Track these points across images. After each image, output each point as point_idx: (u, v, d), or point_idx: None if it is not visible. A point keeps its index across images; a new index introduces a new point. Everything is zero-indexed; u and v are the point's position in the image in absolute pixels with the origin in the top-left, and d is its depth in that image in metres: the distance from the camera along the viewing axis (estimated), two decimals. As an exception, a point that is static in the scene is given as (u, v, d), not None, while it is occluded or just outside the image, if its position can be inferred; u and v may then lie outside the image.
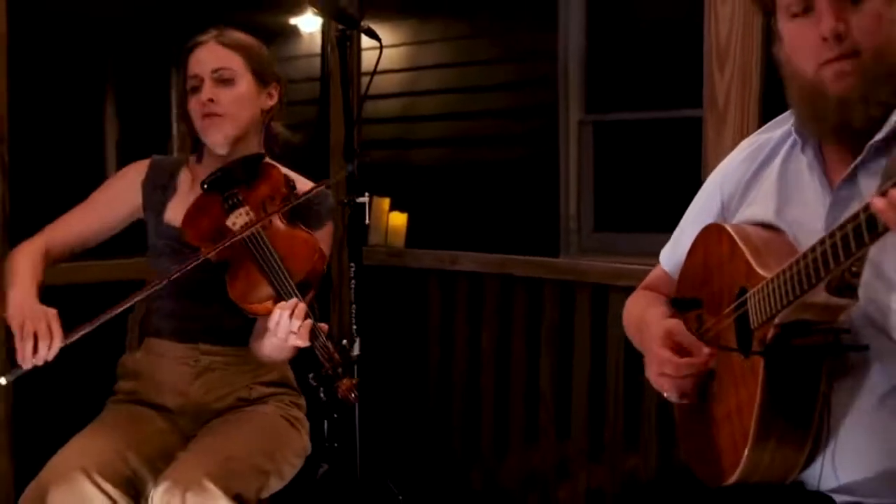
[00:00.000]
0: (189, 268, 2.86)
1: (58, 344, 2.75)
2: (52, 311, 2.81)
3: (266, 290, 2.88)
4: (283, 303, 2.77)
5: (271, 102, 3.26)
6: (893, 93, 2.00)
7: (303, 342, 2.75)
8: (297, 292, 2.83)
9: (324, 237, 3.16)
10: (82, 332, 2.78)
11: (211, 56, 3.15)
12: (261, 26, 6.89)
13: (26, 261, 3.05)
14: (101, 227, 3.25)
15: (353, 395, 2.74)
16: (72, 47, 5.97)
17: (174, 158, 3.35)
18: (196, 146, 3.30)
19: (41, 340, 2.73)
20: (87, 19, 6.09)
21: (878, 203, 1.56)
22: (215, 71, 3.12)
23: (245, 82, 3.16)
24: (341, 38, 3.54)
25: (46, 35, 5.30)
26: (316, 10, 3.85)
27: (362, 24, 3.52)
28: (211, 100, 3.10)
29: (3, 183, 3.55)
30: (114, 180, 3.33)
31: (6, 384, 2.76)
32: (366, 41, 3.53)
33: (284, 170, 3.20)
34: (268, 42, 3.33)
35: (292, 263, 2.91)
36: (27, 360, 2.72)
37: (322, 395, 2.76)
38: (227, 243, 2.90)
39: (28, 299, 2.88)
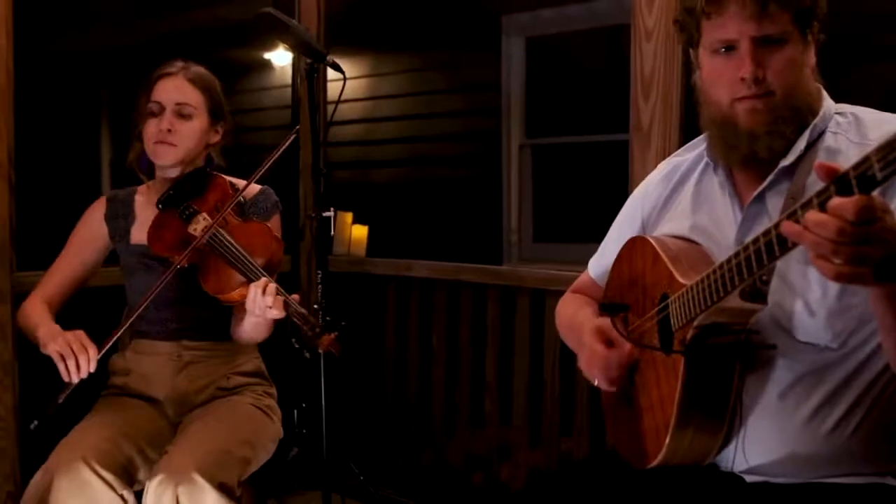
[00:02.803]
0: (167, 278, 2.90)
1: (94, 354, 2.76)
2: (80, 331, 2.83)
3: (237, 278, 2.89)
4: (254, 283, 2.80)
5: (216, 139, 3.25)
6: (795, 128, 2.02)
7: (279, 313, 2.78)
8: (264, 273, 2.85)
9: (273, 227, 3.16)
10: (110, 343, 2.83)
11: (177, 90, 3.13)
12: (238, 60, 6.89)
13: (36, 309, 3.08)
14: (84, 269, 3.24)
15: (335, 348, 2.80)
16: (70, 79, 5.92)
17: (127, 189, 3.32)
18: (144, 163, 3.28)
19: (80, 355, 2.74)
20: (84, 54, 6.05)
21: (788, 227, 1.56)
22: (178, 104, 3.11)
23: (201, 120, 3.16)
24: (309, 70, 3.52)
25: (48, 69, 5.26)
26: (287, 46, 3.81)
27: (328, 58, 3.50)
28: (169, 130, 3.09)
29: (11, 199, 3.52)
30: (81, 226, 3.28)
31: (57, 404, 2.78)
32: (331, 73, 3.49)
33: (228, 177, 3.22)
34: (244, 74, 3.33)
35: (254, 251, 2.92)
36: (73, 375, 2.74)
37: (307, 354, 2.82)
38: (195, 246, 2.92)
39: (55, 329, 2.89)
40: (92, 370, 2.76)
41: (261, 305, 2.77)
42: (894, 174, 1.44)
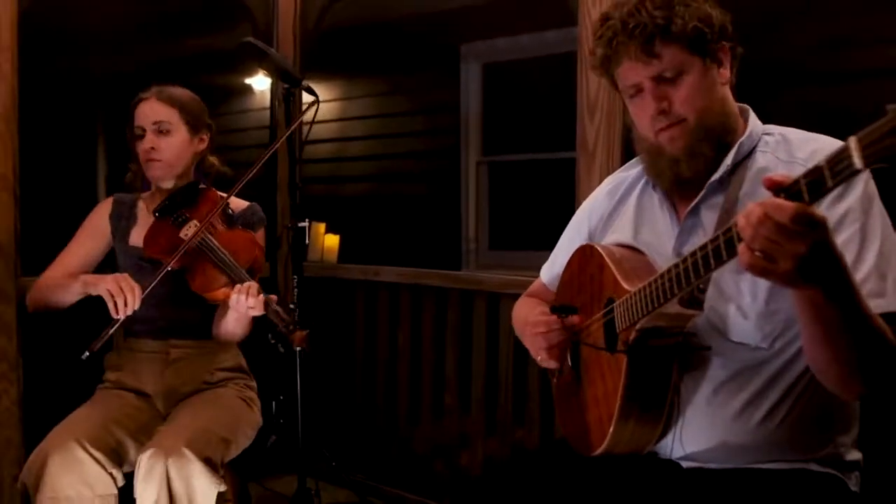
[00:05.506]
0: (161, 275, 2.90)
1: (139, 294, 2.82)
2: (125, 274, 2.89)
3: (222, 279, 2.94)
4: (239, 285, 2.85)
5: (202, 146, 3.26)
6: (714, 147, 2.03)
7: (259, 311, 2.84)
8: (247, 276, 2.91)
9: (257, 238, 3.20)
10: (148, 289, 2.86)
11: (151, 111, 3.15)
12: (221, 85, 6.86)
13: (56, 278, 3.11)
14: (86, 259, 3.23)
15: (305, 345, 2.87)
16: (70, 101, 5.87)
17: (132, 195, 3.33)
18: (145, 184, 3.31)
19: (128, 294, 2.79)
20: (82, 77, 6.00)
21: (740, 221, 1.56)
22: (155, 123, 3.14)
23: (180, 133, 3.17)
24: (286, 94, 3.52)
25: (49, 91, 5.22)
26: (266, 72, 3.80)
27: (303, 83, 3.49)
28: (152, 148, 3.13)
29: (16, 210, 3.52)
30: (89, 220, 3.29)
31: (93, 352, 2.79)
32: (306, 97, 3.48)
33: (218, 191, 3.24)
34: (226, 98, 3.32)
35: (238, 255, 2.97)
36: (121, 311, 2.79)
37: (281, 349, 2.93)
38: (184, 248, 2.94)
39: (97, 275, 2.96)
40: (136, 307, 2.81)
41: (243, 304, 2.82)
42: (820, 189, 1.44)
